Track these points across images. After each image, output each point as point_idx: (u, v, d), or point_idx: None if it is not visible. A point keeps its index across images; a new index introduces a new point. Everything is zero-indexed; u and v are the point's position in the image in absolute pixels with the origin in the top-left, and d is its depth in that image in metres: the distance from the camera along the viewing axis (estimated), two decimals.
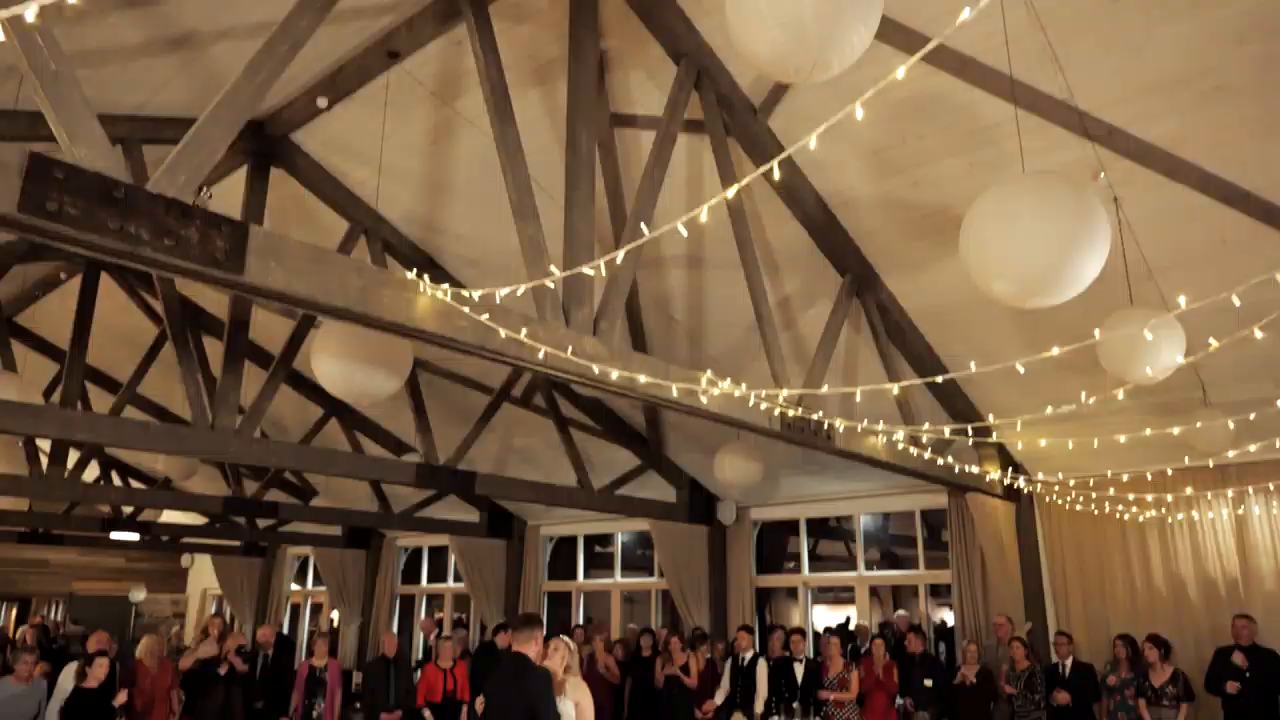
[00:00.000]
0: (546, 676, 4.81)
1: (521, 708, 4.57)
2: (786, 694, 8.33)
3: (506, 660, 4.89)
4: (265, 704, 8.19)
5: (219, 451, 7.03)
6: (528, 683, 4.66)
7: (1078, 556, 8.99)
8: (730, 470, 8.84)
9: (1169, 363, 5.58)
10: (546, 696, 4.65)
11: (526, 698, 4.58)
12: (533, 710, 4.55)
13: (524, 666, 4.76)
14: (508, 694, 4.69)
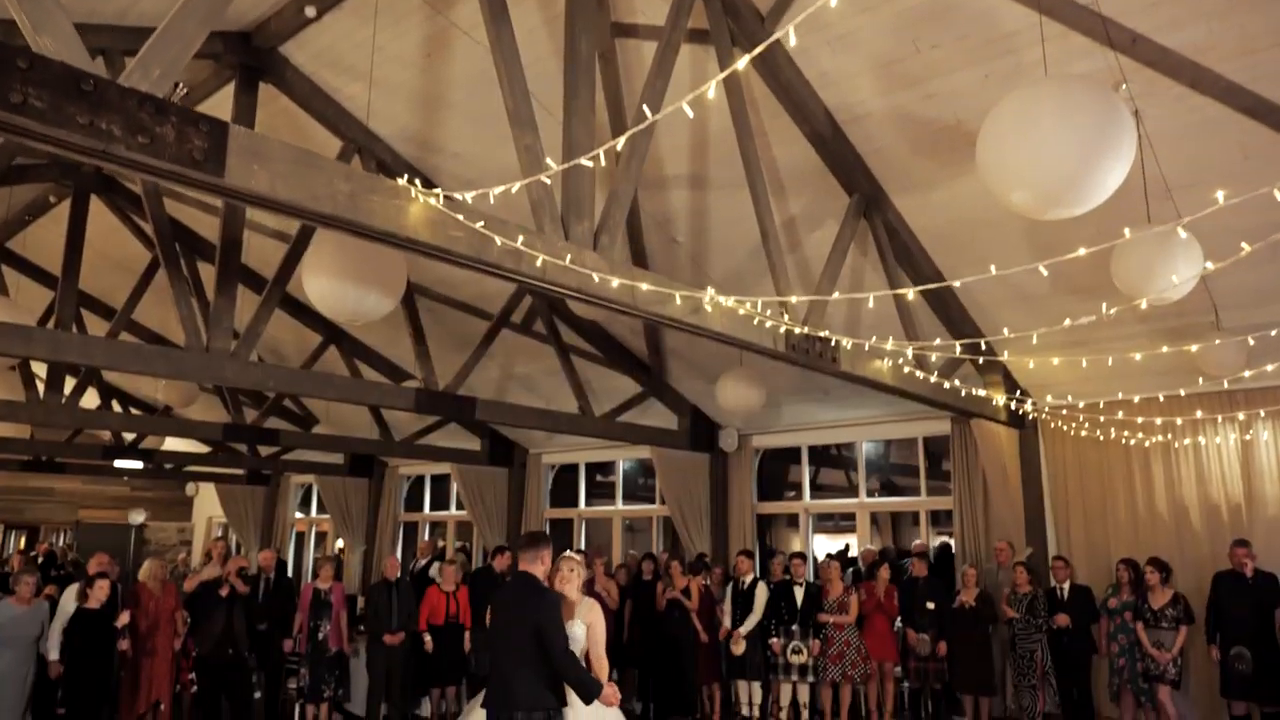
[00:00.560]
0: (555, 599, 4.62)
1: (528, 630, 4.41)
2: (786, 617, 8.38)
3: (513, 581, 4.78)
4: (269, 626, 8.23)
5: (215, 375, 6.92)
6: (536, 605, 4.48)
7: (1080, 482, 8.96)
8: (732, 396, 8.75)
9: (1185, 281, 5.44)
10: (555, 619, 4.46)
11: (534, 621, 4.42)
12: (540, 633, 4.39)
13: (532, 588, 4.58)
14: (514, 615, 4.53)
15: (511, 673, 4.45)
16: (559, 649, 4.41)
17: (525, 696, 4.40)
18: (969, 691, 8.35)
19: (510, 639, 4.51)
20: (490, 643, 4.70)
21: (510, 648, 4.50)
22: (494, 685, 4.53)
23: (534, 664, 4.42)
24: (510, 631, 4.53)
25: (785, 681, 8.34)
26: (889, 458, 13.94)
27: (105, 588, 6.72)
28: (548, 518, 13.44)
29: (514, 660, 4.46)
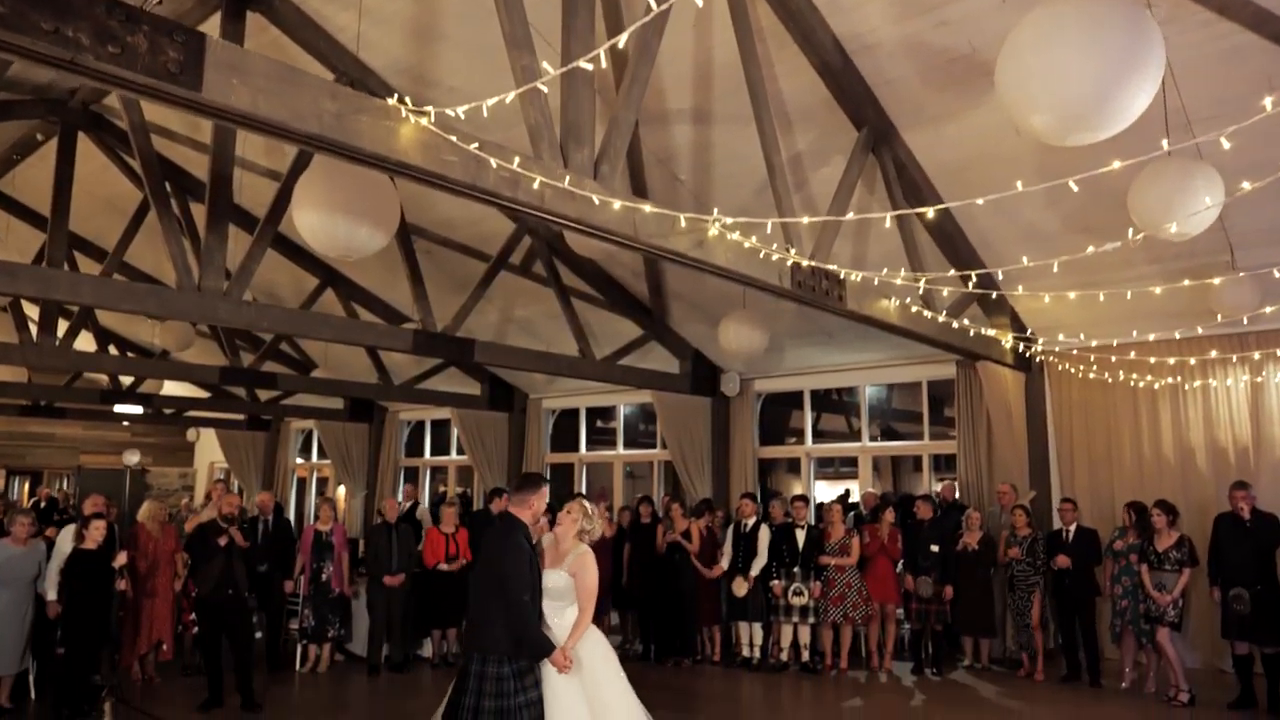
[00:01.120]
0: (523, 546, 4.43)
1: (496, 569, 4.35)
2: (788, 559, 8.35)
3: (500, 519, 4.72)
4: (268, 567, 8.21)
5: (207, 314, 6.77)
6: (502, 549, 4.38)
7: (1085, 426, 8.87)
8: (734, 339, 8.61)
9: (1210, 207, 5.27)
10: (517, 568, 4.31)
11: (499, 565, 4.34)
12: (502, 580, 4.31)
13: (507, 532, 4.46)
14: (488, 557, 4.49)
15: (481, 609, 4.42)
16: (513, 598, 4.30)
17: (486, 636, 4.35)
18: (969, 633, 8.37)
19: (485, 577, 4.47)
20: (472, 581, 4.66)
21: (482, 589, 4.46)
22: (469, 623, 4.55)
23: (498, 605, 4.34)
24: (485, 572, 4.49)
25: (786, 623, 8.34)
26: (890, 403, 13.86)
27: (101, 528, 6.66)
28: (548, 462, 13.41)
29: (485, 598, 4.42)
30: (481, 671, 4.29)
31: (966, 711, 6.87)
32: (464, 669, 4.41)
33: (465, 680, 4.35)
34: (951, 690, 7.63)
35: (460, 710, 4.31)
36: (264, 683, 7.68)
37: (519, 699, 4.31)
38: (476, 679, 4.29)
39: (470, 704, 4.28)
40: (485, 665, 4.30)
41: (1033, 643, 7.90)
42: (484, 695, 4.26)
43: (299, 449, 17.81)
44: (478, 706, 4.26)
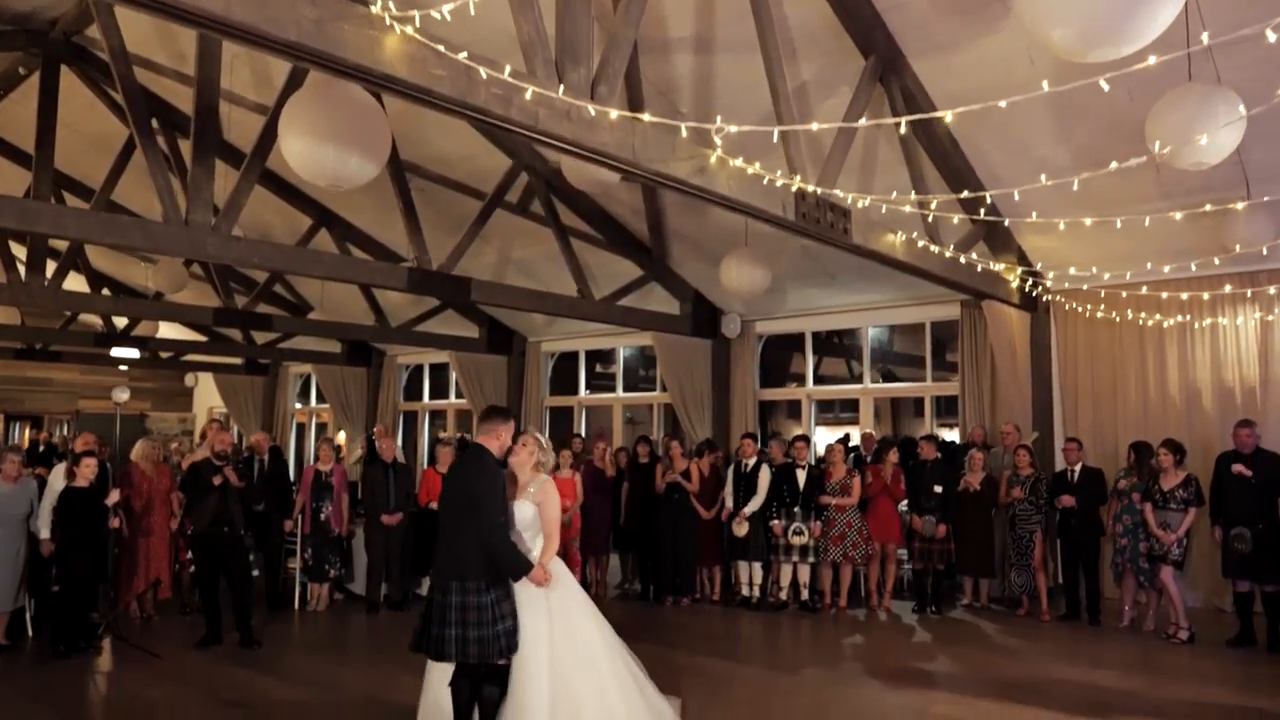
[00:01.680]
0: (495, 471, 4.51)
1: (466, 498, 4.35)
2: (788, 499, 8.29)
3: (469, 450, 4.65)
4: (265, 507, 8.16)
5: (195, 249, 6.59)
6: (473, 474, 4.41)
7: (1090, 366, 8.76)
8: (736, 277, 8.45)
9: (1226, 142, 5.09)
10: (489, 491, 4.36)
11: (472, 490, 4.35)
12: (474, 501, 4.32)
13: (477, 459, 4.48)
14: (458, 484, 4.48)
15: (453, 539, 4.39)
16: (488, 521, 4.32)
17: (462, 564, 4.33)
18: (969, 573, 8.35)
19: (454, 507, 4.45)
20: (440, 512, 4.59)
21: (454, 516, 4.43)
22: (439, 552, 4.46)
23: (473, 532, 4.35)
24: (454, 500, 4.46)
25: (786, 563, 8.32)
26: (892, 347, 13.74)
27: (92, 465, 6.58)
28: (548, 406, 13.34)
29: (456, 528, 4.39)
30: (462, 602, 4.27)
31: (966, 649, 6.87)
32: (435, 600, 4.36)
33: (443, 611, 4.30)
34: (951, 628, 7.63)
35: (439, 643, 4.27)
36: (263, 621, 7.69)
37: (498, 627, 4.30)
38: (458, 610, 4.26)
39: (452, 635, 4.24)
40: (465, 595, 4.27)
41: (1033, 582, 7.89)
42: (466, 625, 4.24)
43: (298, 394, 17.77)
44: (462, 637, 4.24)
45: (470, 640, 4.24)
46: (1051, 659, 6.53)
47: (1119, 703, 5.43)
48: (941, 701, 5.49)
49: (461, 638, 4.24)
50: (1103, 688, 5.77)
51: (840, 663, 6.58)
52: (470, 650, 4.24)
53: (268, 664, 6.41)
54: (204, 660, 6.56)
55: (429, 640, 4.32)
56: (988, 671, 6.18)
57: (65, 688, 5.80)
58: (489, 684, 4.33)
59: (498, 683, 4.35)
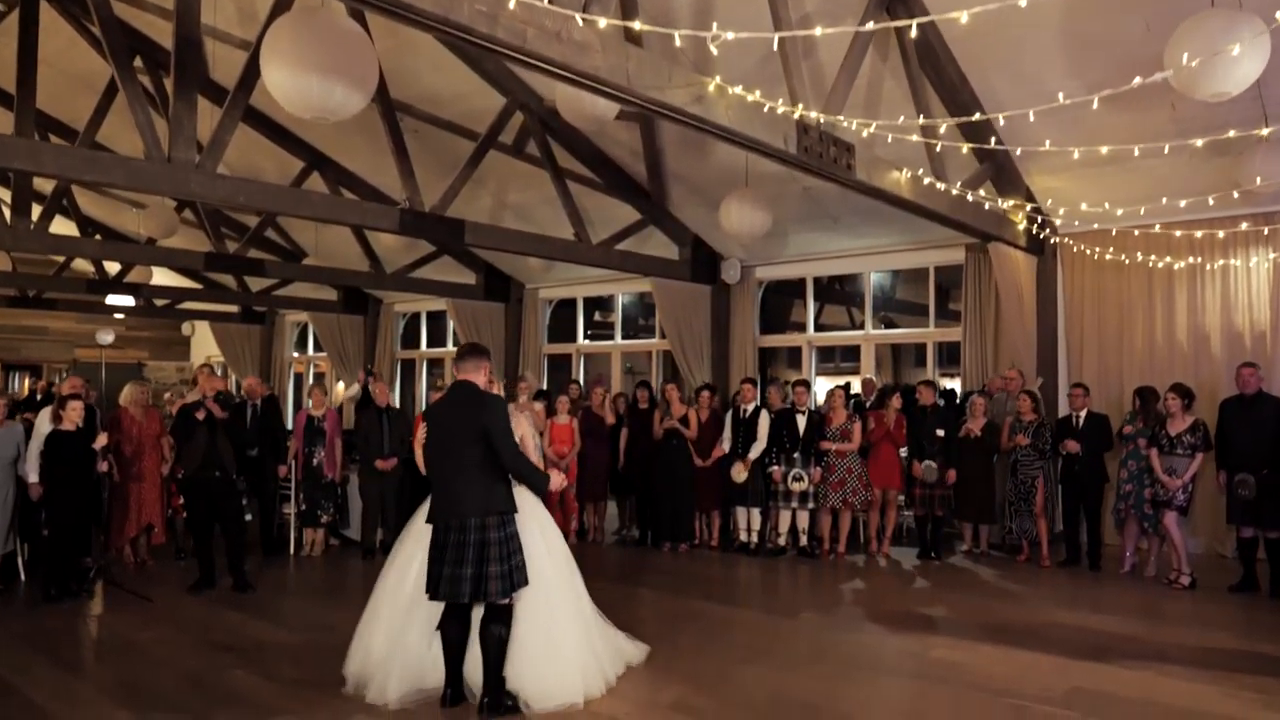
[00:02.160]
0: (502, 402, 4.50)
1: (474, 434, 4.23)
2: (788, 444, 8.19)
3: (453, 389, 4.49)
4: (259, 452, 8.08)
5: (179, 188, 6.40)
6: (482, 407, 4.30)
7: (1097, 310, 8.60)
8: (736, 219, 8.25)
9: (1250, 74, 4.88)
10: (503, 421, 4.31)
11: (481, 423, 4.23)
12: (489, 435, 4.22)
13: (475, 393, 4.39)
14: (458, 421, 4.32)
15: (457, 478, 4.27)
16: (509, 448, 4.29)
17: (475, 501, 4.23)
18: (969, 519, 8.28)
19: (455, 445, 4.30)
20: (431, 452, 4.43)
21: (455, 454, 4.28)
22: (440, 493, 4.33)
23: (482, 467, 4.26)
24: (455, 437, 4.31)
25: (785, 508, 8.25)
26: (894, 294, 13.54)
27: (78, 409, 6.47)
28: (546, 353, 13.21)
29: (460, 466, 4.27)
30: (482, 539, 4.18)
31: (965, 594, 6.81)
32: (442, 541, 4.23)
33: (459, 550, 4.18)
34: (951, 574, 7.59)
35: (456, 583, 4.16)
36: (258, 567, 7.65)
37: (515, 561, 4.27)
38: (477, 547, 4.17)
39: (469, 573, 4.15)
40: (485, 531, 4.20)
41: (1034, 529, 7.82)
42: (486, 562, 4.17)
43: (295, 343, 17.66)
44: (482, 574, 4.16)
45: (491, 577, 4.17)
46: (1052, 604, 6.48)
47: (1120, 647, 5.37)
48: (940, 645, 5.43)
49: (481, 575, 4.16)
50: (1104, 632, 5.72)
51: (838, 607, 6.53)
52: (492, 587, 4.17)
53: (261, 608, 6.36)
54: (197, 604, 6.52)
55: (447, 583, 4.18)
56: (987, 616, 6.12)
57: (56, 631, 5.75)
58: (493, 624, 4.24)
59: (502, 621, 4.27)
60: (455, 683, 4.33)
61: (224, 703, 4.43)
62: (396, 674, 4.39)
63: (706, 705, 4.38)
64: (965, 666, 5.00)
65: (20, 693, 4.55)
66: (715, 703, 4.42)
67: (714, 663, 5.07)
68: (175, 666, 5.02)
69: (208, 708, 4.35)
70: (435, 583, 4.23)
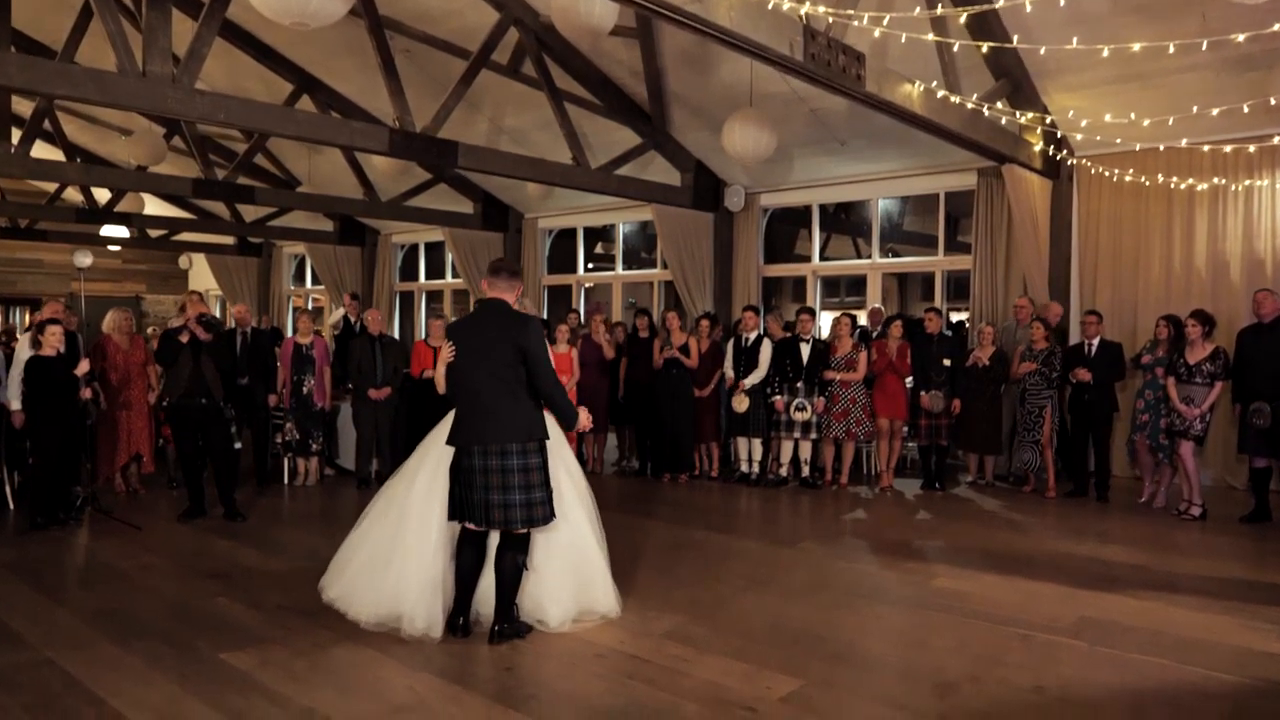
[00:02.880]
0: (541, 324, 4.29)
1: (511, 352, 4.01)
2: (791, 373, 7.99)
3: (485, 307, 4.25)
4: (249, 380, 7.91)
5: (155, 103, 6.08)
6: (522, 327, 4.06)
7: (1113, 237, 8.31)
8: (739, 140, 7.91)
9: None
10: (542, 343, 4.12)
11: (519, 344, 4.02)
12: (527, 356, 4.02)
13: (511, 313, 4.16)
14: (493, 341, 4.07)
15: (495, 402, 4.04)
16: (548, 374, 4.10)
17: (513, 426, 4.02)
18: (975, 450, 8.12)
19: (491, 365, 4.05)
20: (461, 373, 4.13)
21: (491, 375, 4.03)
22: (471, 417, 4.08)
23: (519, 391, 4.05)
24: (490, 357, 4.05)
25: (787, 439, 8.08)
26: (903, 225, 13.21)
27: (57, 334, 6.26)
28: (545, 284, 12.96)
29: (496, 388, 4.04)
30: (525, 464, 4.02)
31: (969, 524, 6.67)
32: (476, 466, 4.03)
33: (503, 476, 4.00)
34: (955, 504, 7.45)
35: (501, 509, 4.00)
36: (251, 496, 7.55)
37: (548, 490, 4.13)
38: (520, 473, 4.01)
39: (518, 499, 4.00)
40: (527, 457, 4.04)
41: (1040, 459, 7.65)
42: (531, 488, 4.03)
43: (293, 276, 17.42)
44: (526, 501, 4.01)
45: (536, 503, 4.03)
46: (1057, 534, 6.33)
47: (1129, 577, 5.22)
48: (943, 575, 5.29)
49: (528, 501, 4.01)
50: (1112, 562, 5.57)
51: (840, 537, 6.39)
52: (536, 513, 4.04)
53: (250, 536, 6.25)
54: (186, 533, 6.40)
55: (482, 509, 4.01)
56: (991, 546, 5.98)
57: (41, 559, 5.64)
58: (513, 552, 4.10)
59: (521, 549, 4.13)
60: (465, 610, 4.21)
61: (206, 630, 4.31)
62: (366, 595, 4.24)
63: (702, 634, 4.25)
64: (968, 595, 4.86)
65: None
66: (711, 631, 4.29)
67: (711, 592, 4.95)
68: (159, 594, 4.91)
69: (189, 635, 4.23)
70: (460, 506, 4.09)
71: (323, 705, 3.45)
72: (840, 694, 3.56)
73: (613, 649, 4.04)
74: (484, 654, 4.00)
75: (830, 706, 3.44)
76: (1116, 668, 3.83)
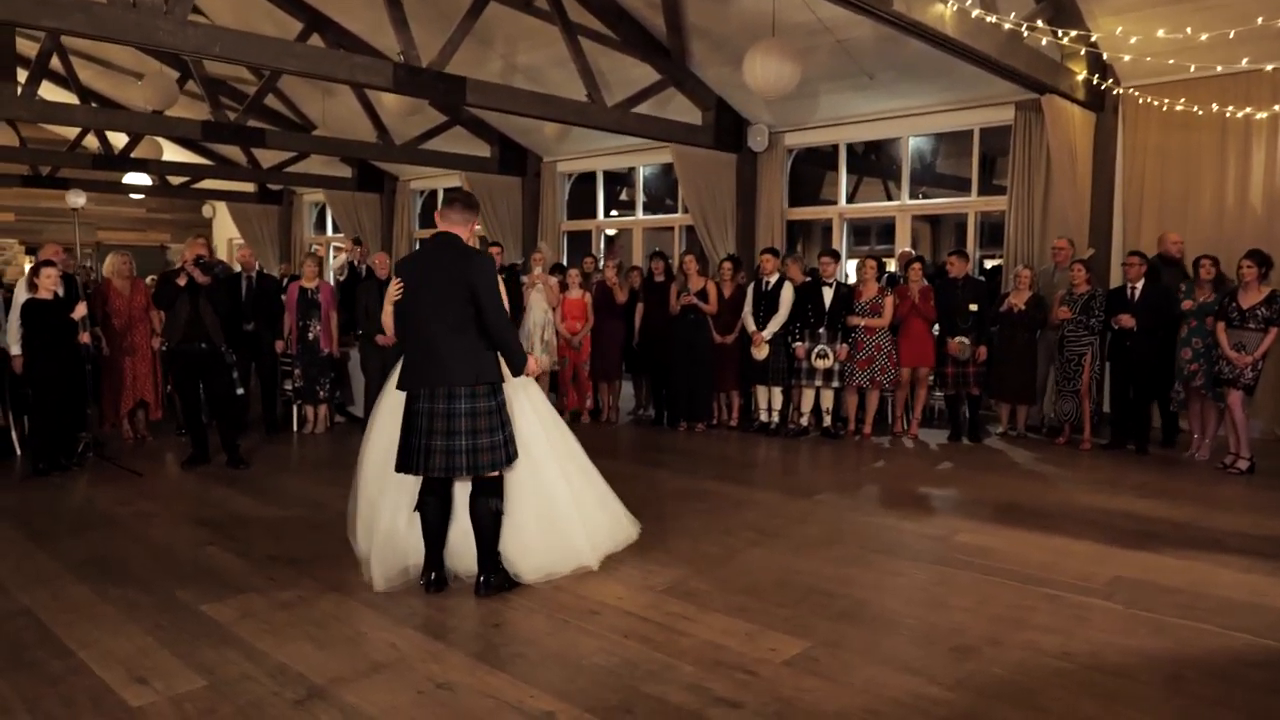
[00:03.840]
0: (491, 260, 4.01)
1: (461, 289, 3.74)
2: (813, 319, 7.64)
3: (435, 242, 3.94)
4: (255, 326, 7.72)
5: (146, 35, 5.81)
6: (468, 265, 3.79)
7: (1160, 173, 7.79)
8: (761, 72, 7.49)
9: None
10: (493, 281, 3.84)
11: (468, 281, 3.75)
12: (475, 294, 3.74)
13: (461, 248, 3.89)
14: (443, 278, 3.80)
15: (442, 341, 3.77)
16: (497, 312, 3.82)
17: (466, 367, 3.78)
18: (1007, 399, 7.75)
19: (438, 303, 3.77)
20: (409, 312, 3.87)
21: (440, 314, 3.78)
22: (417, 357, 3.83)
23: (471, 331, 3.79)
24: (438, 295, 3.78)
25: (808, 387, 7.77)
26: (935, 167, 12.65)
27: (52, 276, 6.10)
28: (564, 230, 12.64)
29: (447, 328, 3.77)
30: (472, 408, 3.77)
31: (997, 476, 6.35)
32: (423, 410, 3.78)
33: (448, 420, 3.75)
34: (983, 456, 7.11)
35: (445, 455, 3.76)
36: (259, 444, 7.41)
37: (507, 431, 3.89)
38: (467, 417, 3.76)
39: (463, 445, 3.75)
40: (475, 401, 3.78)
41: (1078, 409, 7.26)
42: (478, 433, 3.77)
43: (314, 223, 17.25)
44: (473, 446, 3.77)
45: (483, 449, 3.78)
46: (1092, 488, 5.99)
47: (1169, 534, 4.89)
48: (966, 530, 4.99)
49: (473, 447, 3.76)
50: (1151, 518, 5.23)
51: (859, 489, 6.09)
52: (483, 460, 3.79)
53: (252, 484, 6.10)
54: (187, 479, 6.28)
55: (423, 455, 3.76)
56: (1019, 499, 5.66)
57: (36, 504, 5.53)
58: (486, 497, 3.86)
59: (495, 493, 3.89)
60: (438, 566, 3.98)
61: (190, 579, 4.15)
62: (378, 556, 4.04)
63: (705, 589, 4.01)
64: (993, 551, 4.57)
65: None
66: (715, 586, 4.05)
67: (719, 545, 4.70)
68: (148, 542, 4.77)
69: (171, 584, 4.07)
70: (414, 455, 3.80)
71: (297, 660, 3.26)
72: (848, 656, 3.30)
73: (608, 605, 3.81)
74: (473, 609, 3.79)
75: (836, 670, 3.19)
76: (1152, 632, 3.53)
